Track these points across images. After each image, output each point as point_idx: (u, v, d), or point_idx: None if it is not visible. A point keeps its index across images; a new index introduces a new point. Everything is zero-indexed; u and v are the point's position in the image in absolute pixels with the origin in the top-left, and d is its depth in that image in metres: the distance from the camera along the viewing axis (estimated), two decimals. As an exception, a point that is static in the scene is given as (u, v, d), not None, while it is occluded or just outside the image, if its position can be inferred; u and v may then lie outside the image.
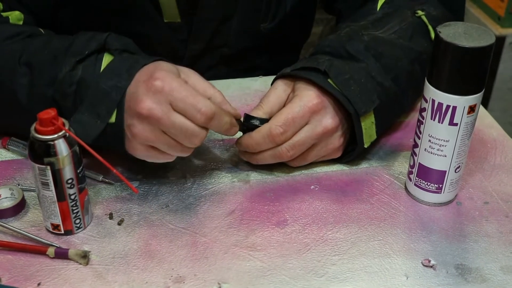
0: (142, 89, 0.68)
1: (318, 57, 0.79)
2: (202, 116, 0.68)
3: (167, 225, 0.72)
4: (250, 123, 0.76)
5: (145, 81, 0.69)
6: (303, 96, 0.75)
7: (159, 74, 0.68)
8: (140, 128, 0.69)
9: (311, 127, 0.76)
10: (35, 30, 0.82)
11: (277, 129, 0.74)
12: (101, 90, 0.70)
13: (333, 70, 0.76)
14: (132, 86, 0.70)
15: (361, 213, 0.74)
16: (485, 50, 0.66)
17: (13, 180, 0.78)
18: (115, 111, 0.70)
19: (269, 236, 0.71)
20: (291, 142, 0.75)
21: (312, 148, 0.78)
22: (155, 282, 0.65)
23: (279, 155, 0.76)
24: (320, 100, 0.75)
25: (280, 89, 0.79)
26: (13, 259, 0.67)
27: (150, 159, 0.73)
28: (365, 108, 0.75)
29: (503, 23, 1.85)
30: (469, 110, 0.68)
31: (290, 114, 0.74)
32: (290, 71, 0.78)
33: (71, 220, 0.69)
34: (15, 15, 0.85)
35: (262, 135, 0.75)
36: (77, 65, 0.73)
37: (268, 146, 0.76)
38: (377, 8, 0.89)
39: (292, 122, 0.74)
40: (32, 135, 0.64)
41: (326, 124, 0.76)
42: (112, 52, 0.74)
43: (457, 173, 0.73)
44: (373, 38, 0.82)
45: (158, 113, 0.67)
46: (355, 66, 0.78)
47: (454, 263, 0.68)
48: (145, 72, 0.70)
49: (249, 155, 0.79)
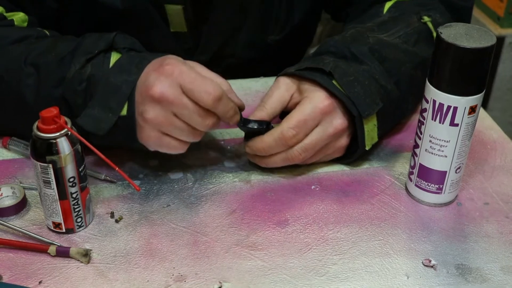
0: (153, 76, 0.69)
1: (323, 58, 0.79)
2: (210, 97, 0.68)
3: (168, 224, 0.72)
4: (248, 127, 0.76)
5: (155, 70, 0.70)
6: (313, 98, 0.75)
7: (168, 61, 0.70)
8: (152, 113, 0.69)
9: (322, 128, 0.76)
10: (41, 33, 0.82)
11: (290, 131, 0.74)
12: (111, 85, 0.71)
13: (338, 71, 0.76)
14: (142, 77, 0.71)
15: (361, 213, 0.74)
16: (486, 51, 0.66)
17: (15, 178, 0.78)
18: (126, 104, 0.70)
19: (270, 236, 0.71)
20: (303, 145, 0.75)
21: (320, 148, 0.78)
22: (156, 280, 0.65)
23: (291, 158, 0.76)
24: (330, 102, 0.75)
25: (283, 88, 0.79)
26: (14, 257, 0.67)
27: (163, 148, 0.72)
28: (368, 110, 0.75)
29: (503, 23, 1.86)
30: (470, 111, 0.69)
31: (302, 116, 0.74)
32: (295, 71, 0.78)
33: (72, 219, 0.69)
34: (19, 17, 0.85)
35: (274, 138, 0.75)
36: (86, 63, 0.74)
37: (280, 149, 0.75)
38: (384, 11, 0.89)
39: (304, 124, 0.74)
40: (34, 133, 0.64)
41: (336, 124, 0.76)
42: (120, 50, 0.75)
43: (458, 173, 0.74)
44: (378, 41, 0.82)
45: (170, 95, 0.68)
46: (359, 68, 0.78)
47: (454, 263, 0.68)
48: (154, 63, 0.71)
49: (259, 158, 0.78)
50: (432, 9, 0.90)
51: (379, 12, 0.89)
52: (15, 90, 0.76)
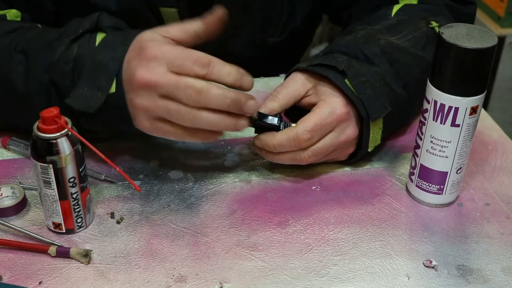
0: (134, 62, 0.69)
1: (335, 56, 0.79)
2: (198, 65, 0.67)
3: (168, 225, 0.72)
4: (264, 121, 0.75)
5: (136, 56, 0.69)
6: (331, 103, 0.75)
7: (147, 44, 0.69)
8: (139, 100, 0.68)
9: (335, 135, 0.75)
10: (33, 25, 0.82)
11: (305, 134, 0.73)
12: (98, 63, 0.71)
13: (351, 71, 0.76)
14: (125, 64, 0.70)
15: (362, 213, 0.74)
16: (487, 52, 0.66)
17: (15, 178, 0.77)
18: (114, 81, 0.70)
19: (270, 236, 0.71)
20: (314, 149, 0.75)
21: (329, 153, 0.78)
22: (157, 281, 0.65)
23: (299, 159, 0.76)
24: (347, 110, 0.75)
25: (300, 82, 0.78)
26: (14, 258, 0.67)
27: (159, 133, 0.71)
28: (377, 113, 0.75)
29: (503, 23, 1.86)
30: (471, 111, 0.68)
31: (319, 120, 0.74)
32: (307, 67, 0.78)
33: (72, 219, 0.69)
34: (12, 13, 0.85)
35: (288, 138, 0.74)
36: (72, 44, 0.73)
37: (291, 149, 0.75)
38: (392, 14, 0.88)
39: (320, 129, 0.74)
40: (34, 133, 0.64)
41: (349, 133, 0.76)
42: (105, 29, 0.75)
43: (459, 174, 0.73)
44: (388, 43, 0.81)
45: (152, 77, 0.67)
46: (370, 69, 0.77)
47: (455, 264, 0.68)
48: (133, 48, 0.70)
49: (265, 152, 0.77)
50: (439, 14, 0.89)
51: (387, 15, 0.88)
52: (5, 78, 0.76)
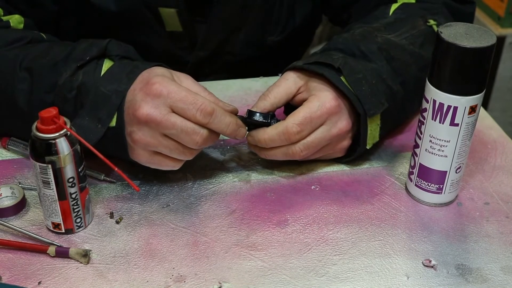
0: (140, 95, 0.69)
1: (331, 53, 0.79)
2: (201, 113, 0.68)
3: (168, 225, 0.72)
4: (253, 119, 0.76)
5: (142, 88, 0.69)
6: (321, 97, 0.75)
7: (155, 79, 0.69)
8: (140, 134, 0.69)
9: (326, 128, 0.75)
10: (37, 35, 0.82)
11: (294, 127, 0.74)
12: (101, 94, 0.71)
13: (347, 68, 0.76)
14: (129, 94, 0.70)
15: (361, 213, 0.74)
16: (486, 51, 0.66)
17: (14, 179, 0.77)
18: (115, 115, 0.70)
19: (269, 236, 0.71)
20: (305, 142, 0.75)
21: (322, 147, 0.78)
22: (156, 281, 0.65)
23: (292, 154, 0.76)
24: (338, 103, 0.75)
25: (291, 81, 0.78)
26: (13, 258, 0.67)
27: (155, 166, 0.73)
28: (374, 110, 0.75)
29: (503, 23, 1.85)
30: (470, 111, 0.68)
31: (308, 113, 0.74)
32: (303, 65, 0.78)
33: (72, 219, 0.69)
34: (15, 19, 0.84)
35: (278, 132, 0.74)
36: (78, 70, 0.73)
37: (282, 143, 0.75)
38: (390, 13, 0.89)
39: (309, 122, 0.74)
40: (33, 133, 0.64)
41: (341, 126, 0.76)
42: (113, 58, 0.74)
43: (458, 173, 0.73)
44: (386, 41, 0.82)
45: (157, 116, 0.67)
46: (367, 66, 0.78)
47: (454, 263, 0.68)
48: (141, 79, 0.71)
49: (259, 149, 0.78)
50: (437, 13, 0.90)
51: (385, 14, 0.89)
52: (8, 93, 0.76)
